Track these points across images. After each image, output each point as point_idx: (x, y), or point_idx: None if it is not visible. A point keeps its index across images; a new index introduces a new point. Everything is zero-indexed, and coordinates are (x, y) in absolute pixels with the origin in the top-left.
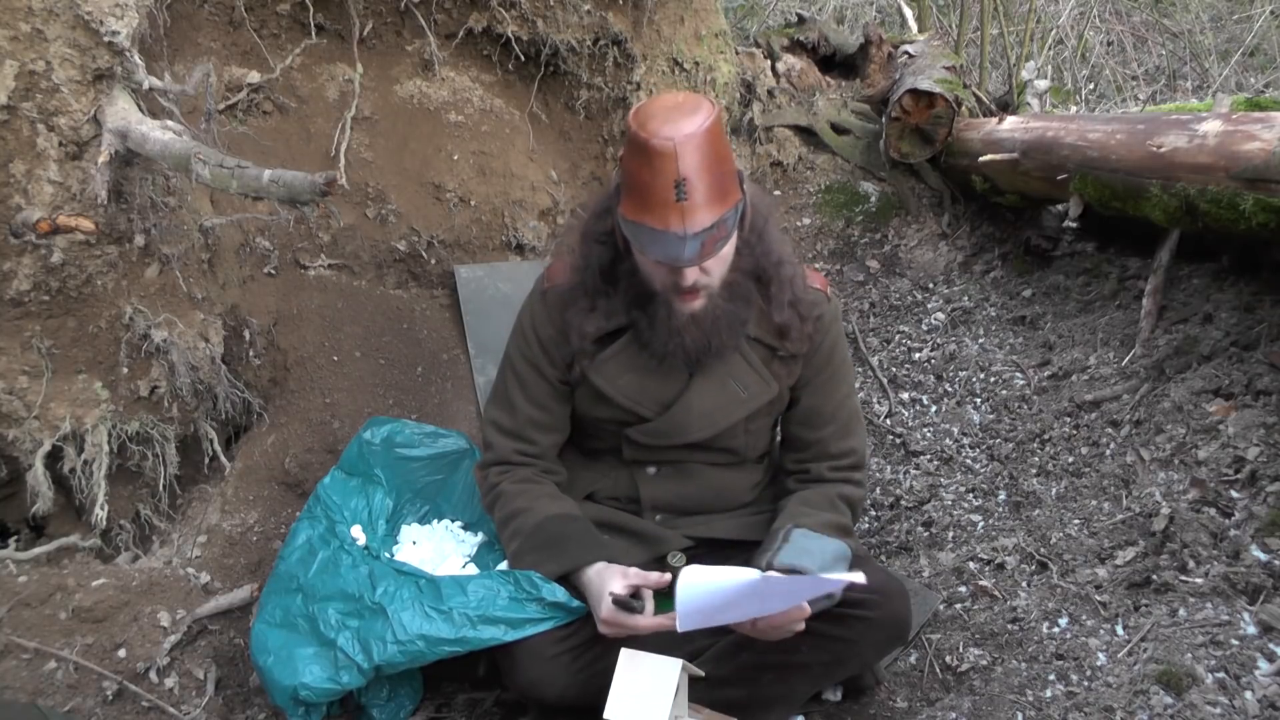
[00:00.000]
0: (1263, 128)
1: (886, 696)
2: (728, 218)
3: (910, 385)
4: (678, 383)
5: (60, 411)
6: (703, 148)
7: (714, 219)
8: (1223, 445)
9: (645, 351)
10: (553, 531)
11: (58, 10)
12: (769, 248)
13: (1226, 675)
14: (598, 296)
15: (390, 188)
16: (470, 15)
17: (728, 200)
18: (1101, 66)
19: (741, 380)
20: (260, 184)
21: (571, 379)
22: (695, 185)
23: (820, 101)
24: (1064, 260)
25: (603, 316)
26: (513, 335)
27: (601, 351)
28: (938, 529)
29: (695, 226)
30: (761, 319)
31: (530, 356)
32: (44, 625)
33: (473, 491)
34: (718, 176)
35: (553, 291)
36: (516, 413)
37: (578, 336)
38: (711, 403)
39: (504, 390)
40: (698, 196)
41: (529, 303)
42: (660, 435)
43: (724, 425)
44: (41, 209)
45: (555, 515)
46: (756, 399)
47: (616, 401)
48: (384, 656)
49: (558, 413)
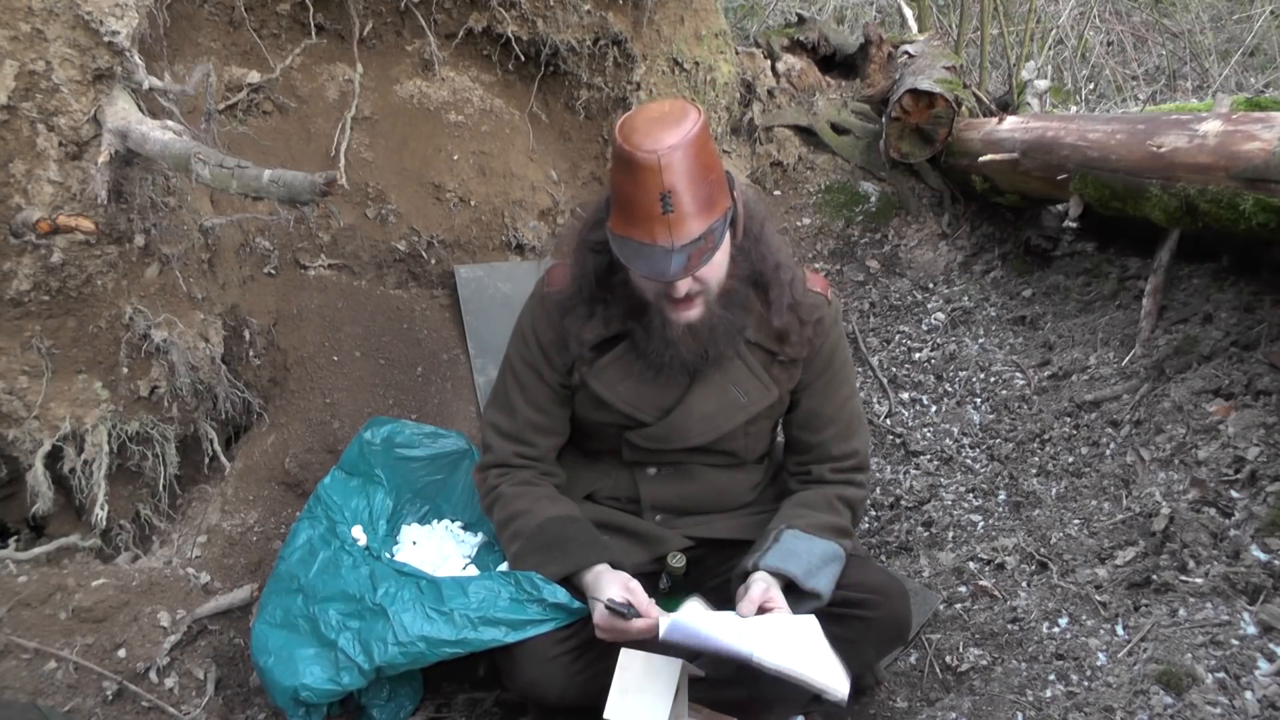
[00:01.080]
0: (1263, 128)
1: (886, 696)
2: (716, 227)
3: (910, 385)
4: (677, 389)
5: (60, 411)
6: (688, 158)
7: (702, 229)
8: (1223, 445)
9: (643, 360)
10: (554, 533)
11: (58, 10)
12: (766, 252)
13: (1226, 675)
14: (595, 304)
15: (390, 188)
16: (470, 15)
17: (716, 209)
18: (1101, 66)
19: (741, 385)
20: (260, 184)
21: (572, 383)
22: (681, 196)
23: (820, 101)
24: (1064, 260)
25: (601, 323)
26: (513, 338)
27: (600, 358)
28: (938, 529)
29: (682, 239)
30: (761, 323)
31: (530, 359)
32: (44, 625)
33: (473, 492)
34: (704, 186)
35: (551, 297)
36: (516, 415)
37: (576, 343)
38: (712, 408)
39: (504, 392)
40: (684, 208)
41: (529, 306)
42: (660, 439)
43: (724, 430)
44: (41, 209)
45: (556, 517)
46: (756, 404)
47: (616, 407)
48: (385, 657)
49: (557, 416)
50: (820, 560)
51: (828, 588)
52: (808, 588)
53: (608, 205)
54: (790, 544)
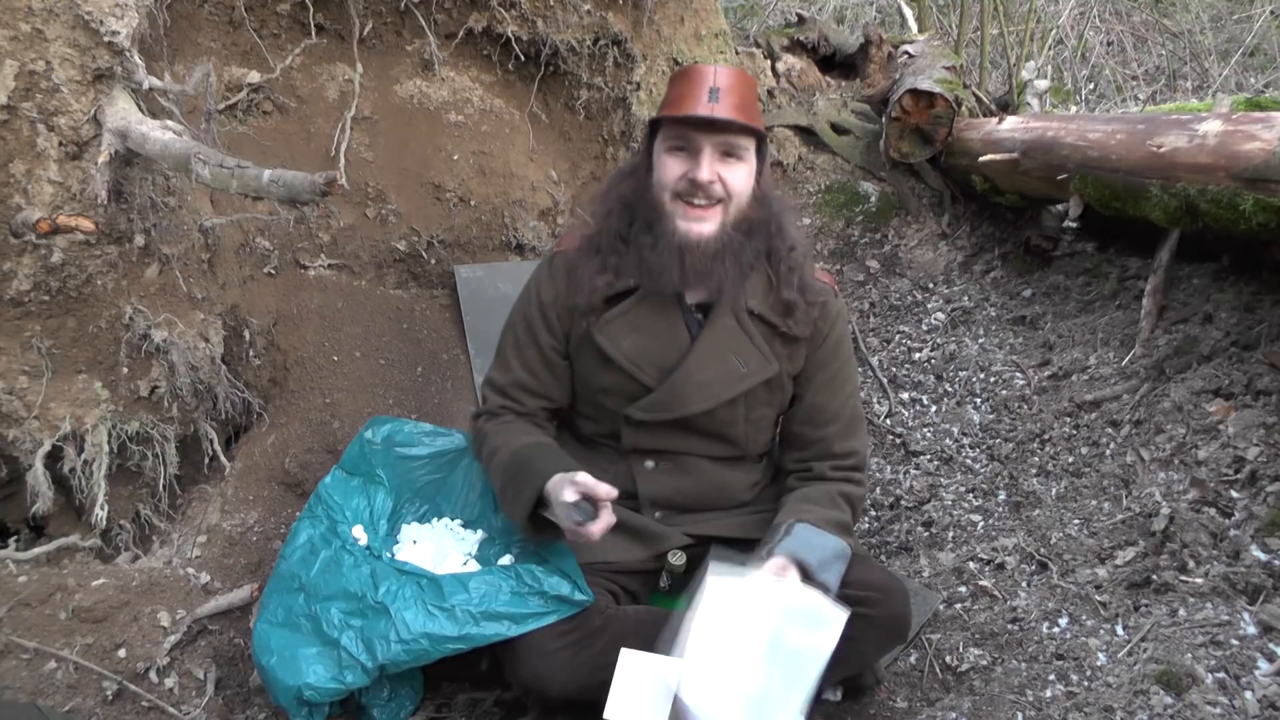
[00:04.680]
0: (1263, 128)
1: (886, 696)
2: (753, 131)
3: (910, 385)
4: (679, 348)
5: (60, 411)
6: (739, 82)
7: (742, 120)
8: (1223, 445)
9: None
10: (522, 459)
11: (58, 10)
12: (785, 228)
13: (1226, 675)
14: (610, 255)
15: (390, 188)
16: (470, 15)
17: (755, 121)
18: (1101, 66)
19: (742, 355)
20: (260, 184)
21: (570, 347)
22: (727, 96)
23: (820, 101)
24: (1064, 260)
25: (613, 275)
26: (518, 298)
27: (607, 311)
28: (938, 529)
29: (724, 114)
30: (768, 294)
31: (529, 317)
32: (44, 625)
33: (472, 490)
34: (748, 102)
35: (561, 255)
36: (509, 372)
37: (587, 291)
38: (712, 373)
39: (502, 350)
40: (729, 103)
41: (538, 268)
42: (659, 408)
43: (723, 398)
44: (41, 209)
45: (524, 445)
46: (756, 375)
47: (618, 363)
48: (388, 655)
49: (545, 379)
50: (831, 555)
51: (835, 584)
52: (819, 579)
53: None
54: (803, 535)
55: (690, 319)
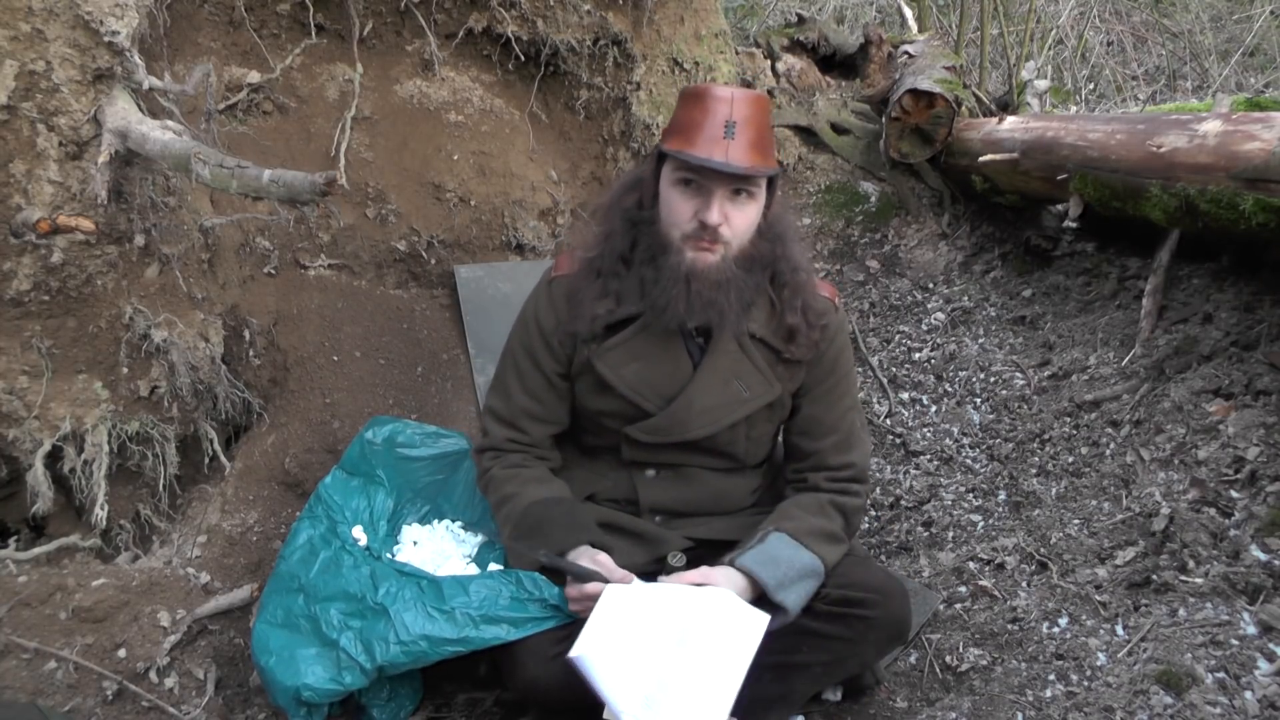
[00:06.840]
0: (1263, 128)
1: (886, 696)
2: (763, 173)
3: (910, 385)
4: (681, 376)
5: (60, 411)
6: (756, 107)
7: (755, 165)
8: (1223, 445)
9: (647, 332)
10: (537, 517)
11: (58, 10)
12: (789, 252)
13: (1226, 675)
14: (610, 279)
15: (390, 188)
16: (470, 15)
17: (768, 160)
18: (1101, 66)
19: (744, 380)
20: (260, 184)
21: (572, 371)
22: (744, 130)
23: (820, 101)
24: (1064, 260)
25: (614, 301)
26: (515, 324)
27: (609, 339)
28: (938, 529)
29: (738, 161)
30: (771, 319)
31: (529, 345)
32: (44, 625)
33: (473, 492)
34: (763, 137)
35: (559, 280)
36: (511, 401)
37: (587, 319)
38: (714, 399)
39: (502, 377)
40: (745, 140)
41: (534, 293)
42: (660, 432)
43: (725, 423)
44: (41, 209)
45: (539, 500)
46: (758, 399)
47: (619, 391)
48: (387, 657)
49: (551, 405)
50: (798, 573)
51: (797, 604)
52: (776, 599)
53: (648, 161)
54: (775, 549)
55: (692, 345)
